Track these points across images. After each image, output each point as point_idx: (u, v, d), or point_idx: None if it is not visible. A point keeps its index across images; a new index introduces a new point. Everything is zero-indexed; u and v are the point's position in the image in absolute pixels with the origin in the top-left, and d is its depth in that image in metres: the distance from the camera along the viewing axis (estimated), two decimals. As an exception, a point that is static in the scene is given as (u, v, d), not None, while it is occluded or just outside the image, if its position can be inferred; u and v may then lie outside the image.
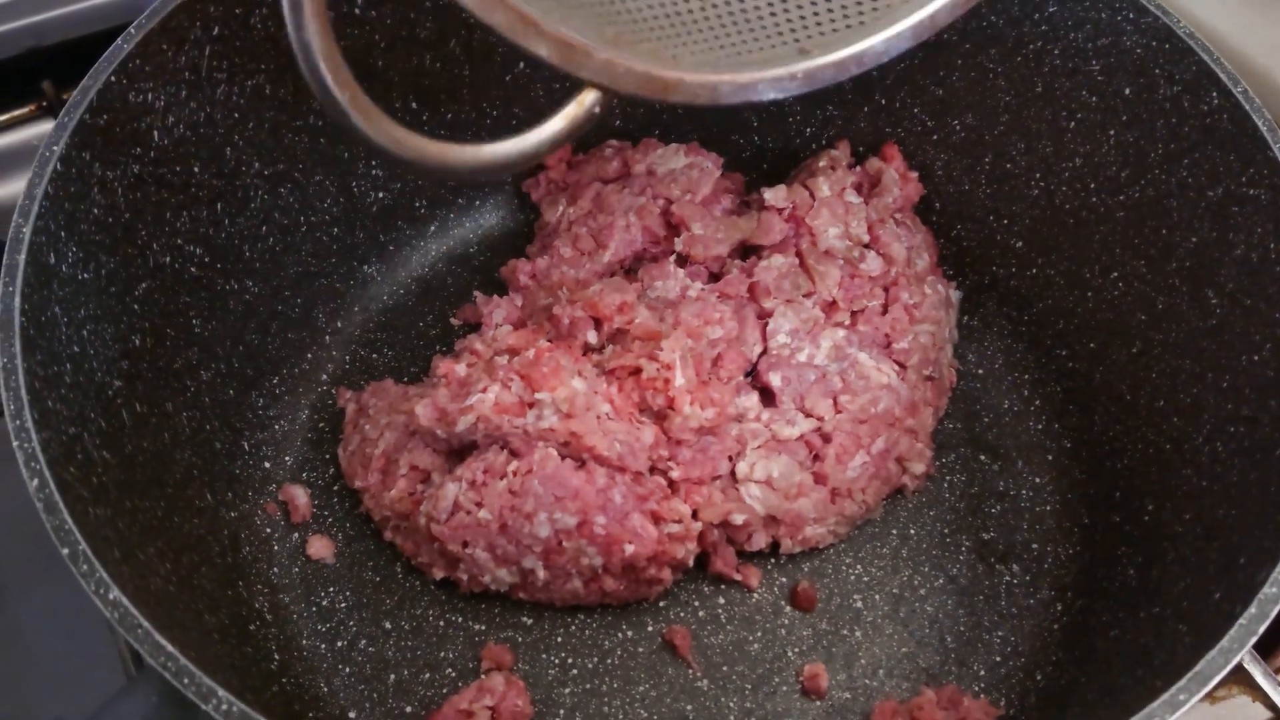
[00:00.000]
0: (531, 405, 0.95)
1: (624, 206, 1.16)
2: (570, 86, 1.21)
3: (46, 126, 1.29)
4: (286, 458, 1.11)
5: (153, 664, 0.66)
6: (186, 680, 0.65)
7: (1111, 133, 1.05)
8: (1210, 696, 0.97)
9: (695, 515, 1.01)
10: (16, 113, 1.31)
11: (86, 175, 0.87)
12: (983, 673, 1.00)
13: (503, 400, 0.95)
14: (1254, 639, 0.71)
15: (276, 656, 0.98)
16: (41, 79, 1.29)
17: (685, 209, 1.15)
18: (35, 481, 0.71)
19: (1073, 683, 0.95)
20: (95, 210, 0.88)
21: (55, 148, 0.85)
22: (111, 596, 0.68)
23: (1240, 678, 0.98)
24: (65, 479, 0.74)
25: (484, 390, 0.96)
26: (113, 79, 0.89)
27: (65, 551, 0.69)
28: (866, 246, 1.13)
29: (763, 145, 1.27)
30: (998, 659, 1.01)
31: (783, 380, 1.06)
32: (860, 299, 1.11)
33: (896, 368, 1.10)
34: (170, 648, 0.66)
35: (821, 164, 1.18)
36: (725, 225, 1.15)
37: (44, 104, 1.31)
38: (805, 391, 1.06)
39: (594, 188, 1.20)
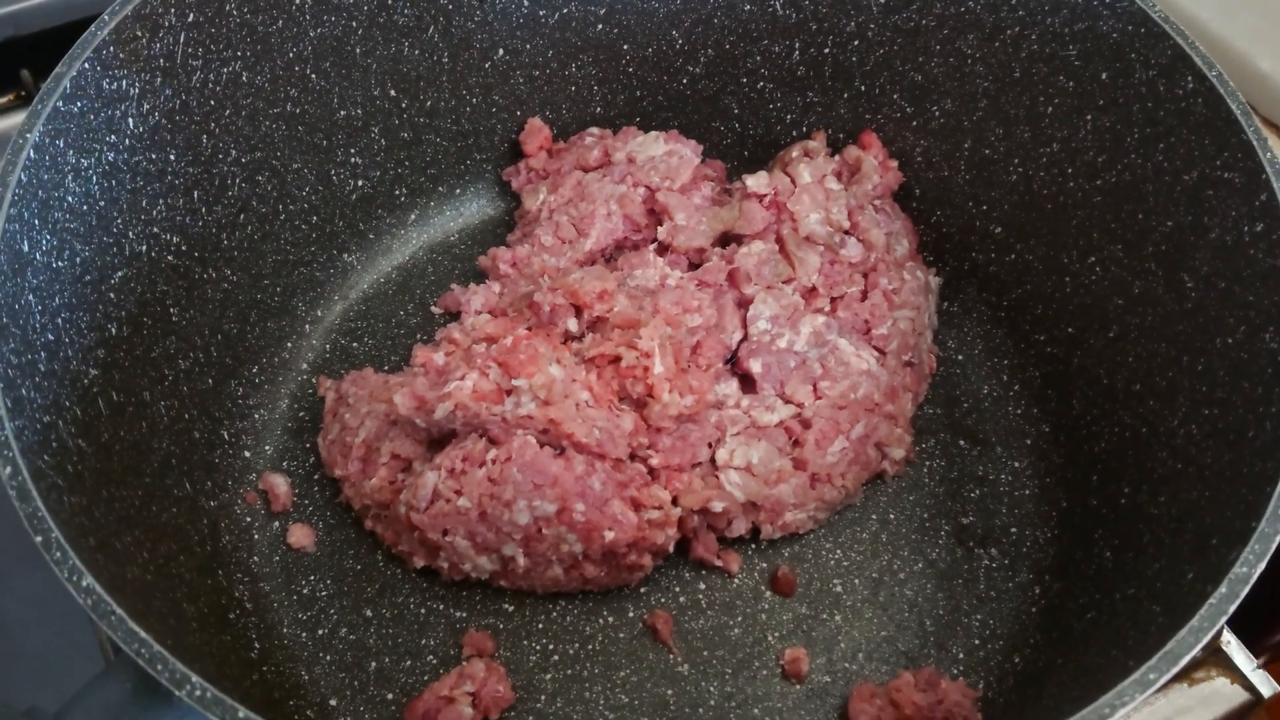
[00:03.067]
0: (509, 392, 0.95)
1: (605, 194, 1.16)
2: (548, 75, 1.23)
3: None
4: (266, 446, 1.10)
5: (126, 650, 0.65)
6: (160, 667, 0.65)
7: (1088, 118, 1.05)
8: (1190, 679, 0.98)
9: (675, 502, 1.01)
10: (-4, 102, 1.31)
11: (60, 163, 0.87)
12: (961, 655, 1.01)
13: (480, 387, 0.95)
14: (1224, 618, 0.71)
15: (256, 645, 0.97)
16: (21, 68, 1.28)
17: (669, 198, 1.15)
18: (8, 469, 0.71)
19: (1050, 664, 0.96)
20: (69, 198, 0.88)
21: (29, 135, 0.84)
22: (85, 584, 0.68)
23: (1219, 660, 0.99)
24: (39, 467, 0.74)
25: (462, 378, 0.96)
26: (86, 66, 0.88)
27: (38, 539, 0.69)
28: (846, 233, 1.14)
29: (743, 132, 1.28)
30: (976, 642, 1.02)
31: (763, 367, 1.06)
32: (840, 285, 1.11)
33: (876, 354, 1.10)
34: (143, 634, 0.66)
35: (795, 154, 1.18)
36: (708, 215, 1.15)
37: (23, 93, 1.31)
38: (785, 378, 1.07)
39: (574, 176, 1.20)
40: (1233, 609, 0.71)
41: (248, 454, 1.09)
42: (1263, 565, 0.73)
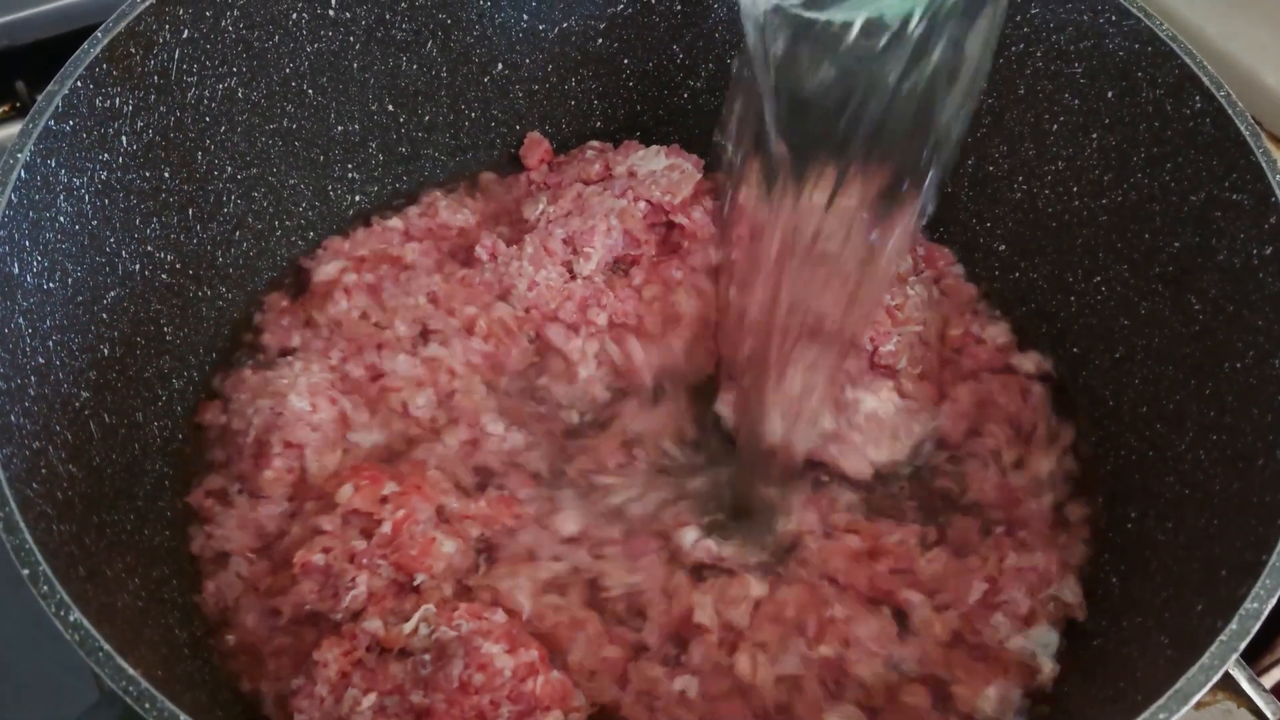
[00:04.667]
0: (415, 589, 0.90)
1: (605, 209, 1.15)
2: (547, 89, 1.21)
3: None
4: (261, 466, 1.09)
5: (114, 688, 0.64)
6: (148, 705, 0.64)
7: (1094, 136, 1.04)
8: (1196, 703, 0.96)
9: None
10: (-11, 114, 1.30)
11: (52, 183, 0.85)
12: (965, 681, 0.99)
13: (376, 588, 0.89)
14: (1235, 655, 0.70)
15: (250, 669, 0.96)
16: (15, 79, 1.27)
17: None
18: (-6, 500, 0.70)
19: (1056, 692, 0.94)
20: (61, 219, 0.86)
21: (20, 155, 0.83)
22: (72, 619, 0.67)
23: (1225, 683, 0.97)
24: (27, 496, 0.73)
25: (353, 583, 0.89)
26: (79, 84, 0.87)
27: (25, 572, 0.68)
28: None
29: (745, 147, 1.27)
30: (980, 667, 1.00)
31: None
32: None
33: (890, 383, 1.07)
34: (132, 671, 0.65)
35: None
36: None
37: (17, 105, 1.29)
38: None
39: (575, 188, 1.19)
40: (1243, 645, 0.70)
41: (242, 473, 1.08)
42: (1274, 600, 0.72)
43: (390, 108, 1.16)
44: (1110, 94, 1.01)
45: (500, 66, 1.19)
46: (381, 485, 0.94)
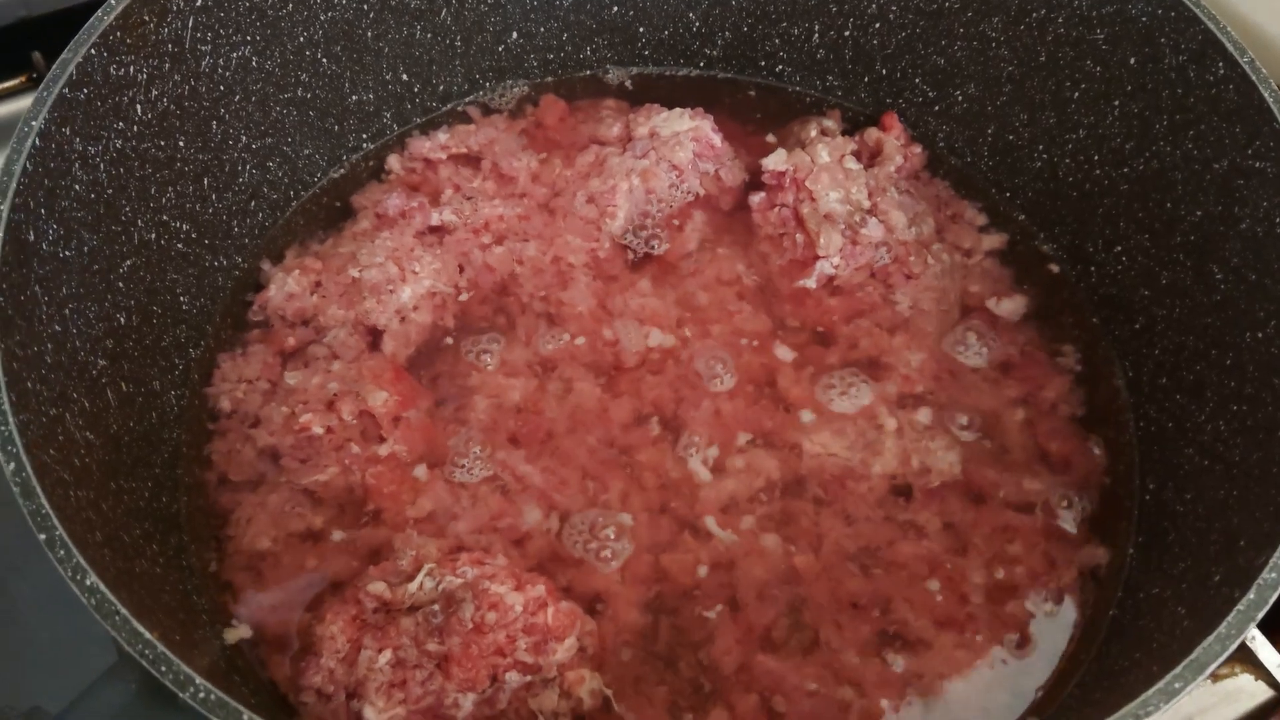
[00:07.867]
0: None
1: (625, 169, 1.13)
2: (562, 58, 1.20)
3: (37, 99, 1.28)
4: (278, 435, 1.09)
5: (130, 651, 0.65)
6: (164, 668, 0.64)
7: (1116, 104, 1.02)
8: (1214, 675, 0.96)
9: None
10: (7, 84, 1.29)
11: (67, 151, 0.85)
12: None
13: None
14: (1252, 625, 0.69)
15: (268, 635, 0.97)
16: (33, 50, 1.27)
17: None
18: (11, 465, 0.70)
19: (1073, 662, 0.94)
20: (76, 187, 0.86)
21: (34, 123, 0.83)
22: (88, 582, 0.67)
23: (1243, 656, 0.97)
24: (44, 462, 0.73)
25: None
26: (93, 52, 0.87)
27: (42, 537, 0.68)
28: (869, 213, 1.12)
29: (762, 118, 1.25)
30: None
31: None
32: (863, 267, 1.09)
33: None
34: (148, 635, 0.65)
35: (813, 133, 1.16)
36: None
37: (34, 76, 1.30)
38: None
39: (593, 150, 1.18)
40: (1261, 615, 0.70)
41: (259, 442, 1.08)
42: (1293, 570, 0.71)
43: (404, 77, 1.15)
44: (1133, 60, 1.00)
45: (515, 35, 1.19)
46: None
